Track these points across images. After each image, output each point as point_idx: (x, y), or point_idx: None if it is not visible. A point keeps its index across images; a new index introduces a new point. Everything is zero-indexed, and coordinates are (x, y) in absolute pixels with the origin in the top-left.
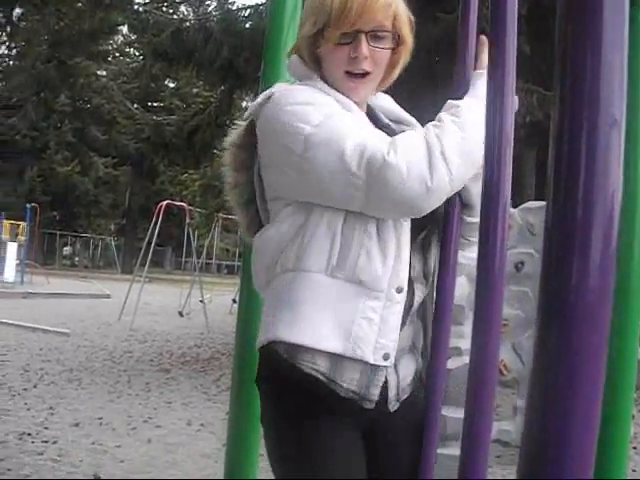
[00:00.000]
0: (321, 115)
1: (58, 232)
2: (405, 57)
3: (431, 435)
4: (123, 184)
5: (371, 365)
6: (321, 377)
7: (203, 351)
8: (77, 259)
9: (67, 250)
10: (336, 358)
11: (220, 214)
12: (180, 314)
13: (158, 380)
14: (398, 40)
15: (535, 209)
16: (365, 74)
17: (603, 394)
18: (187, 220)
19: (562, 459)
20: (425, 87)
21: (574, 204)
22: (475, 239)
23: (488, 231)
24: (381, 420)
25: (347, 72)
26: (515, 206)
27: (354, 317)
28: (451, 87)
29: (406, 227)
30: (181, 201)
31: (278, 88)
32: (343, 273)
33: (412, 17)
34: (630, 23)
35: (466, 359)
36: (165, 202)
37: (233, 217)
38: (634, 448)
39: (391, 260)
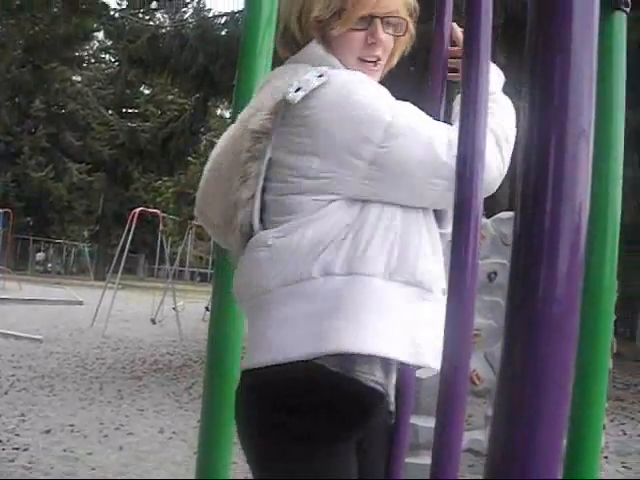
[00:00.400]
0: (392, 102)
1: (31, 238)
2: (406, 46)
3: (401, 444)
4: (97, 190)
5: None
6: (379, 388)
7: (175, 359)
8: (50, 265)
9: (40, 256)
10: (388, 367)
11: (194, 222)
12: (153, 321)
13: (130, 387)
14: (405, 28)
15: (507, 219)
16: (377, 61)
17: (574, 404)
18: (160, 227)
19: (528, 468)
20: (398, 95)
21: (542, 214)
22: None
23: (460, 242)
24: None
25: (359, 58)
26: (488, 217)
27: (416, 321)
28: (426, 92)
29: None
30: (155, 208)
31: (327, 72)
32: (403, 276)
33: (417, 7)
34: (607, 26)
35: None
36: (139, 209)
37: None
38: (605, 457)
39: (440, 260)
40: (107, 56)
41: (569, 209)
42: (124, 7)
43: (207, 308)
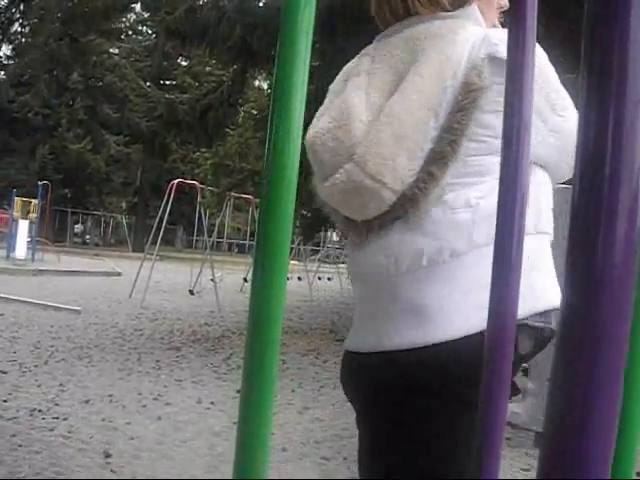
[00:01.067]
0: None
1: (69, 210)
2: None
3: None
4: (135, 162)
5: None
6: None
7: (213, 329)
8: (88, 237)
9: (78, 228)
10: None
11: (232, 193)
12: (191, 292)
13: (168, 358)
14: None
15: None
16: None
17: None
18: (198, 199)
19: (583, 456)
20: None
21: (601, 180)
22: None
23: (505, 217)
24: None
25: (497, 9)
26: None
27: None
28: None
29: None
30: (193, 180)
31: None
32: (549, 230)
33: None
34: None
35: None
36: (177, 181)
37: (244, 196)
38: None
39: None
40: (144, 28)
41: (627, 175)
42: None
43: (245, 279)
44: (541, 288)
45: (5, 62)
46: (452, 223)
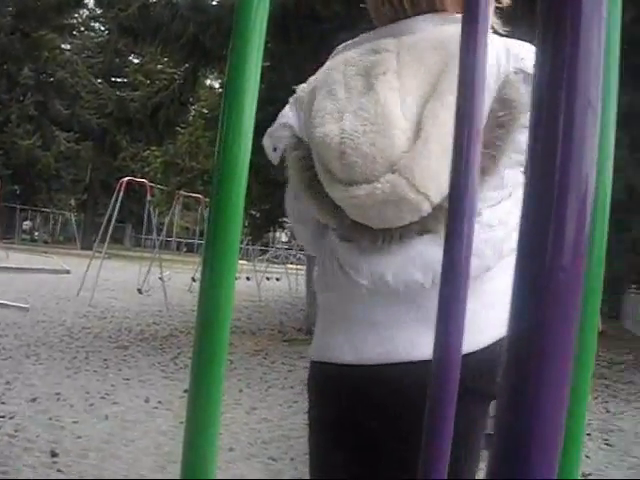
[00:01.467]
0: None
1: (18, 206)
2: None
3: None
4: (85, 159)
5: None
6: None
7: (161, 328)
8: (37, 234)
9: (27, 224)
10: None
11: (181, 192)
12: (139, 291)
13: (116, 357)
14: None
15: None
16: None
17: None
18: (148, 197)
19: (529, 457)
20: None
21: (550, 183)
22: None
23: (455, 223)
24: None
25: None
26: None
27: None
28: None
29: None
30: (142, 178)
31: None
32: None
33: None
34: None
35: None
36: (126, 178)
37: (194, 195)
38: (588, 435)
39: None
40: (97, 24)
41: (576, 180)
42: None
43: (193, 279)
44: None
45: None
46: (489, 240)
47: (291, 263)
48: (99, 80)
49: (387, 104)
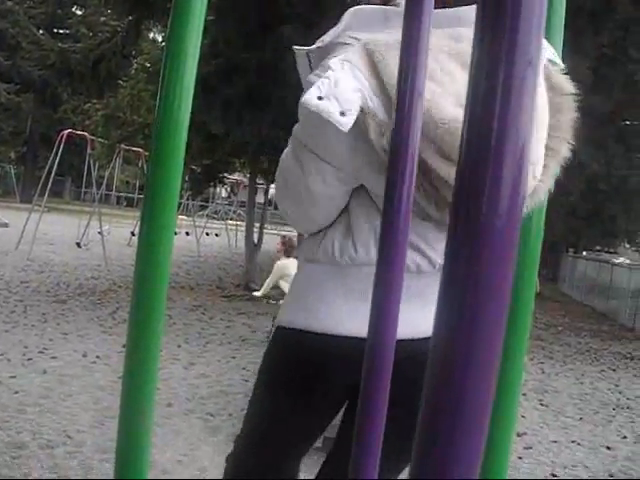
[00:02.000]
0: None
1: None
2: None
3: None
4: (25, 111)
5: None
6: None
7: (100, 283)
8: None
9: None
10: None
11: (122, 145)
12: (78, 245)
13: (54, 311)
14: None
15: None
16: None
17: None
18: (88, 150)
19: (451, 456)
20: None
21: (487, 137)
22: None
23: (392, 205)
24: None
25: None
26: None
27: None
28: None
29: None
30: (83, 131)
31: None
32: None
33: None
34: None
35: None
36: (67, 131)
37: (135, 149)
38: (524, 395)
39: None
40: None
41: (514, 133)
42: None
43: (133, 233)
44: None
45: None
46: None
47: (231, 219)
48: (41, 31)
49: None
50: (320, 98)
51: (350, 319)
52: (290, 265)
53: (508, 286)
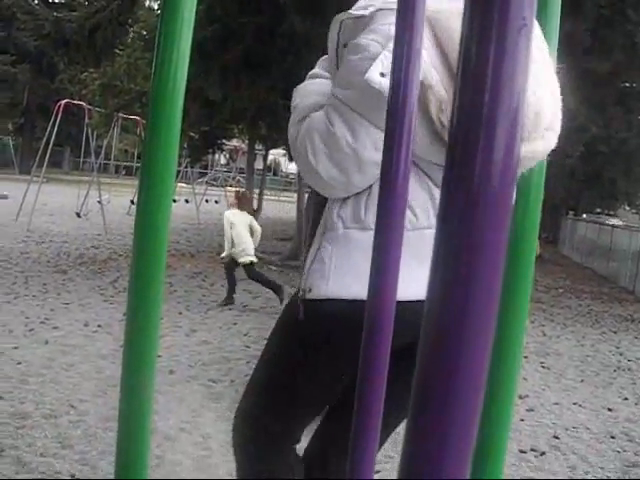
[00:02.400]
0: None
1: None
2: None
3: None
4: (22, 82)
5: None
6: None
7: (100, 252)
8: None
9: None
10: None
11: (120, 114)
12: (78, 215)
13: (55, 281)
14: None
15: None
16: None
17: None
18: (86, 120)
19: (440, 455)
20: None
21: (480, 98)
22: None
23: (389, 173)
24: None
25: None
26: None
27: None
28: None
29: None
30: (80, 100)
31: None
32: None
33: None
34: None
35: None
36: (64, 101)
37: (132, 117)
38: (525, 357)
39: None
40: None
41: (507, 99)
42: None
43: (132, 201)
44: None
45: None
46: None
47: (230, 185)
48: (36, 1)
49: (542, 71)
50: (382, 75)
51: (416, 283)
52: (237, 214)
53: (502, 251)
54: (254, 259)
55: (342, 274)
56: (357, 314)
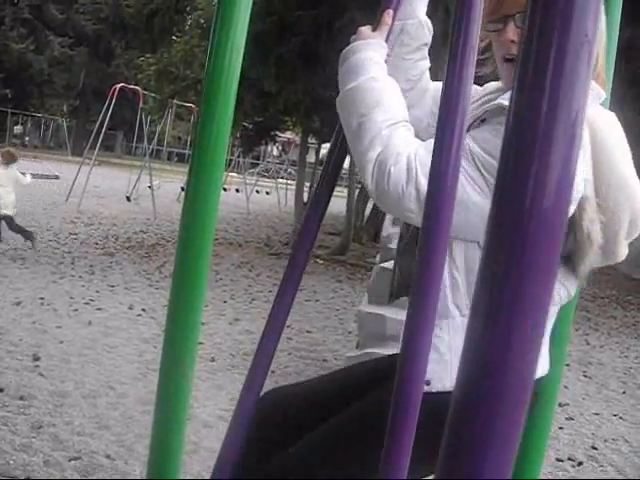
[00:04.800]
0: None
1: (9, 110)
2: None
3: None
4: (78, 65)
5: None
6: None
7: (148, 237)
8: (28, 139)
9: (18, 129)
10: None
11: (174, 100)
12: (128, 199)
13: (102, 263)
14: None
15: None
16: None
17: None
18: (140, 104)
19: (485, 456)
20: None
21: (537, 114)
22: None
23: (429, 240)
24: None
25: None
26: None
27: None
28: None
29: None
30: (136, 85)
31: None
32: None
33: None
34: None
35: None
36: (119, 85)
37: (187, 104)
38: (567, 365)
39: None
40: None
41: (565, 115)
42: None
43: (183, 188)
44: None
45: None
46: None
47: (281, 177)
48: None
49: None
50: None
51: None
52: (2, 172)
53: (552, 271)
54: (11, 212)
55: (445, 366)
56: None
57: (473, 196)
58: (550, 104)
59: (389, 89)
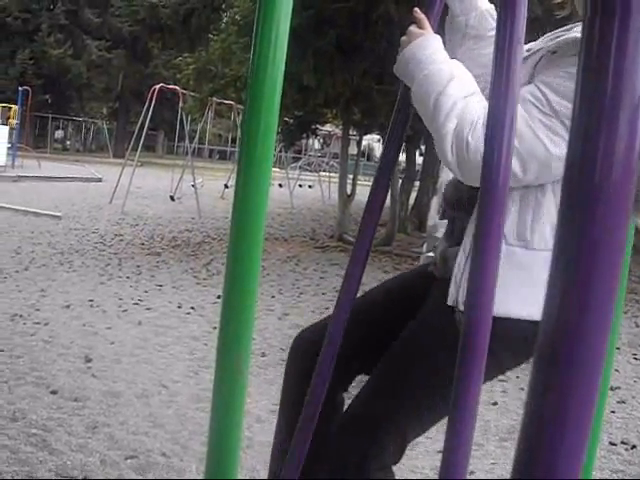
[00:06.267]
0: None
1: (50, 115)
2: None
3: None
4: (116, 67)
5: None
6: None
7: (194, 235)
8: (69, 143)
9: (59, 134)
10: None
11: (214, 99)
12: (172, 198)
13: (149, 263)
14: None
15: None
16: None
17: None
18: (180, 104)
19: (557, 455)
20: None
21: (602, 97)
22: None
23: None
24: None
25: None
26: None
27: None
28: None
29: None
30: (174, 85)
31: None
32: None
33: None
34: None
35: None
36: (158, 86)
37: (227, 102)
38: (617, 349)
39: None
40: None
41: (630, 88)
42: None
43: (226, 185)
44: None
45: None
46: None
47: (324, 171)
48: None
49: None
50: None
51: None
52: None
53: (620, 257)
54: None
55: (505, 294)
56: (530, 334)
57: (553, 150)
58: (614, 82)
59: (457, 68)
